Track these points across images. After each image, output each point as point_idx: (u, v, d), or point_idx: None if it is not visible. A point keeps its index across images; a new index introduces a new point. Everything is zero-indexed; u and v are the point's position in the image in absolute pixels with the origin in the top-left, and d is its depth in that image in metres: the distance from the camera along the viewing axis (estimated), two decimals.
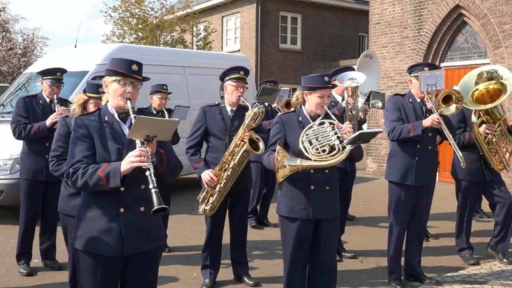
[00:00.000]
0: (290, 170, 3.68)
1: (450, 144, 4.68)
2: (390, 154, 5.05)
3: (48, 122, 5.19)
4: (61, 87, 5.47)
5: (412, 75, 4.91)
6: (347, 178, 5.92)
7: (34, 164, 5.31)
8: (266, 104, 7.06)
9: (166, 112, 6.22)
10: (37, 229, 5.45)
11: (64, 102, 5.43)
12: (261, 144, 4.60)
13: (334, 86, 4.82)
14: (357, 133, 3.59)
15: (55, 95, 5.34)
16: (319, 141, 3.69)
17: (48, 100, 5.42)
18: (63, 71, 5.49)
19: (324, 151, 3.65)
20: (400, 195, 4.87)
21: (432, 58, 11.36)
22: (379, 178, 11.87)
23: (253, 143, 4.61)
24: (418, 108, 4.86)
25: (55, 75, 5.40)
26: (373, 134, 3.85)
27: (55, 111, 5.22)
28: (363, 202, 9.14)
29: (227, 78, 4.83)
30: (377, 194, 9.96)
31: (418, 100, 4.88)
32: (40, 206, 5.45)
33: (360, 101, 5.64)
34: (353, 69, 5.67)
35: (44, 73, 5.45)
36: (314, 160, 3.64)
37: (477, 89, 5.32)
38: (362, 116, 5.57)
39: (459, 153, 4.58)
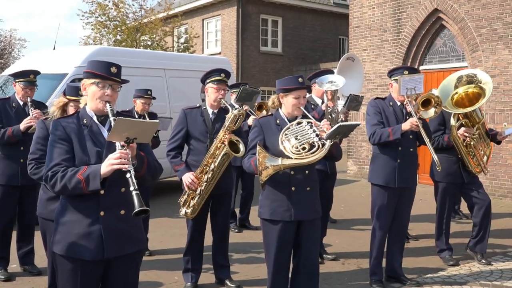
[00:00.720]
0: (273, 169, 3.70)
1: (427, 145, 4.73)
2: (372, 157, 5.09)
3: (23, 126, 5.04)
4: (34, 89, 5.31)
5: (392, 78, 4.96)
6: (328, 180, 5.94)
7: (8, 169, 5.18)
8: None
9: (147, 117, 6.18)
10: (15, 234, 5.35)
11: (39, 105, 5.29)
12: (241, 147, 4.59)
13: (309, 86, 4.82)
14: (336, 126, 3.63)
15: (28, 98, 5.19)
16: (298, 139, 3.71)
17: (21, 103, 5.27)
18: (36, 73, 5.33)
19: (304, 149, 3.68)
20: (383, 198, 4.90)
21: (411, 61, 11.47)
22: (360, 180, 11.94)
23: (233, 146, 4.61)
24: (399, 111, 4.90)
25: (28, 77, 5.25)
26: (351, 127, 3.87)
27: (29, 114, 5.07)
28: (344, 204, 9.18)
29: (208, 81, 4.81)
30: (358, 196, 10.01)
31: (399, 104, 4.93)
32: (16, 211, 5.33)
33: (341, 104, 5.67)
34: (332, 73, 5.69)
35: (16, 75, 5.30)
36: (295, 158, 3.66)
37: (456, 93, 5.38)
38: (343, 119, 5.59)
39: (435, 157, 4.62)
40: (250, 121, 6.49)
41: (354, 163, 12.75)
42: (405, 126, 4.69)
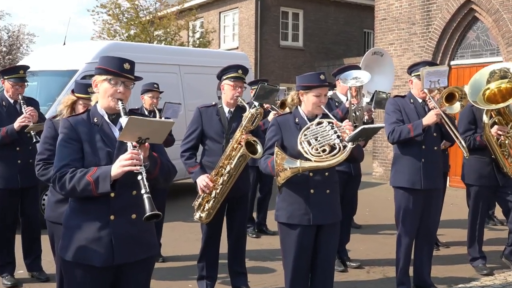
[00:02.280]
0: (291, 172, 3.70)
1: (453, 136, 4.71)
2: (394, 159, 5.03)
3: (17, 125, 5.04)
4: (25, 86, 5.30)
5: (412, 75, 4.91)
6: (352, 182, 5.90)
7: (5, 171, 5.18)
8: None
9: (158, 112, 6.20)
10: (21, 240, 5.40)
11: (30, 101, 5.29)
12: (259, 148, 4.57)
13: (331, 84, 4.82)
14: (359, 129, 3.61)
15: (19, 95, 5.19)
16: (319, 141, 3.70)
17: (12, 101, 5.26)
18: (26, 68, 5.34)
19: (324, 151, 3.67)
20: (408, 202, 4.85)
21: (441, 55, 11.36)
22: (386, 183, 11.82)
23: (250, 147, 4.60)
24: (420, 109, 4.84)
25: (18, 73, 5.24)
26: (375, 130, 3.86)
27: (22, 112, 5.09)
28: (369, 208, 9.13)
29: (224, 77, 4.80)
30: (384, 200, 9.94)
31: (420, 101, 4.87)
32: (18, 214, 5.35)
33: (366, 101, 5.63)
34: (358, 68, 5.66)
35: (5, 72, 5.30)
36: (314, 161, 3.65)
37: (488, 88, 5.30)
38: (367, 117, 5.56)
39: (462, 142, 4.64)
40: (270, 117, 6.48)
41: (380, 165, 12.66)
42: (427, 119, 4.64)
